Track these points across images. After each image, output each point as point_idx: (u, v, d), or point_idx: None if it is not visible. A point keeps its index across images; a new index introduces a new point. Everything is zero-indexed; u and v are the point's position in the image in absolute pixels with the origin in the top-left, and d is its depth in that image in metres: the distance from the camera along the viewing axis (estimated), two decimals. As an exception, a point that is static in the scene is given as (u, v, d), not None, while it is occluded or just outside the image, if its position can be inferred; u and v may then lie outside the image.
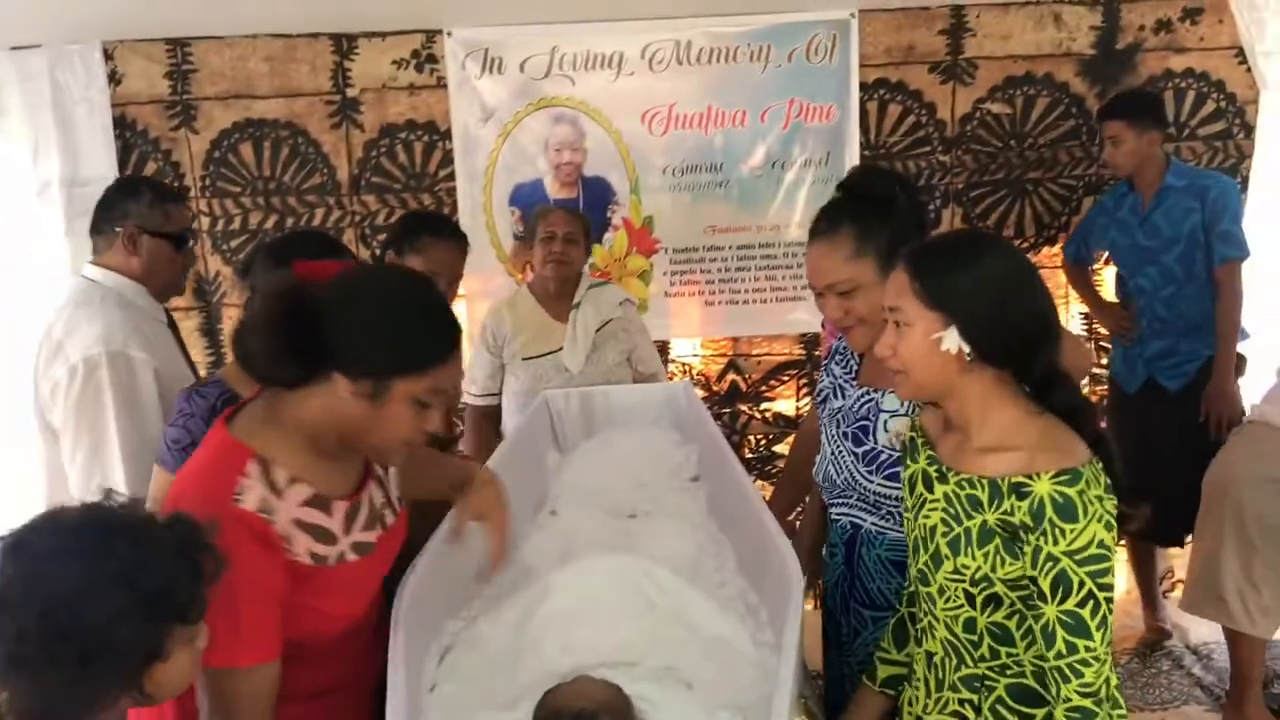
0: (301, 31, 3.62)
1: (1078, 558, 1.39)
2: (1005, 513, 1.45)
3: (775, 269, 3.89)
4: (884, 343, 1.56)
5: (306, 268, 1.52)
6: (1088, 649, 1.41)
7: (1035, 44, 3.77)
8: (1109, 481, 1.45)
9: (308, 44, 3.64)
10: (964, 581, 1.51)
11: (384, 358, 1.44)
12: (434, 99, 3.71)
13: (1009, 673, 1.53)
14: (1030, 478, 1.42)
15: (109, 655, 1.11)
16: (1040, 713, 1.51)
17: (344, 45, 3.65)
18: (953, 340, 1.47)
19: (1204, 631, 3.58)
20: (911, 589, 1.71)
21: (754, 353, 3.99)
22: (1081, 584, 1.40)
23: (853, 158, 3.78)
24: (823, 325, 3.72)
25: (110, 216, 2.52)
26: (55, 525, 1.17)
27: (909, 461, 1.67)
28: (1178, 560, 3.83)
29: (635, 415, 3.09)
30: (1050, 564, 1.40)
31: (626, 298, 3.38)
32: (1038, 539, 1.41)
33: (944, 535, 1.53)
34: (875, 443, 1.93)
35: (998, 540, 1.46)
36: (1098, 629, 1.41)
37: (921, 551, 1.58)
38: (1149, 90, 3.74)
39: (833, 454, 2.03)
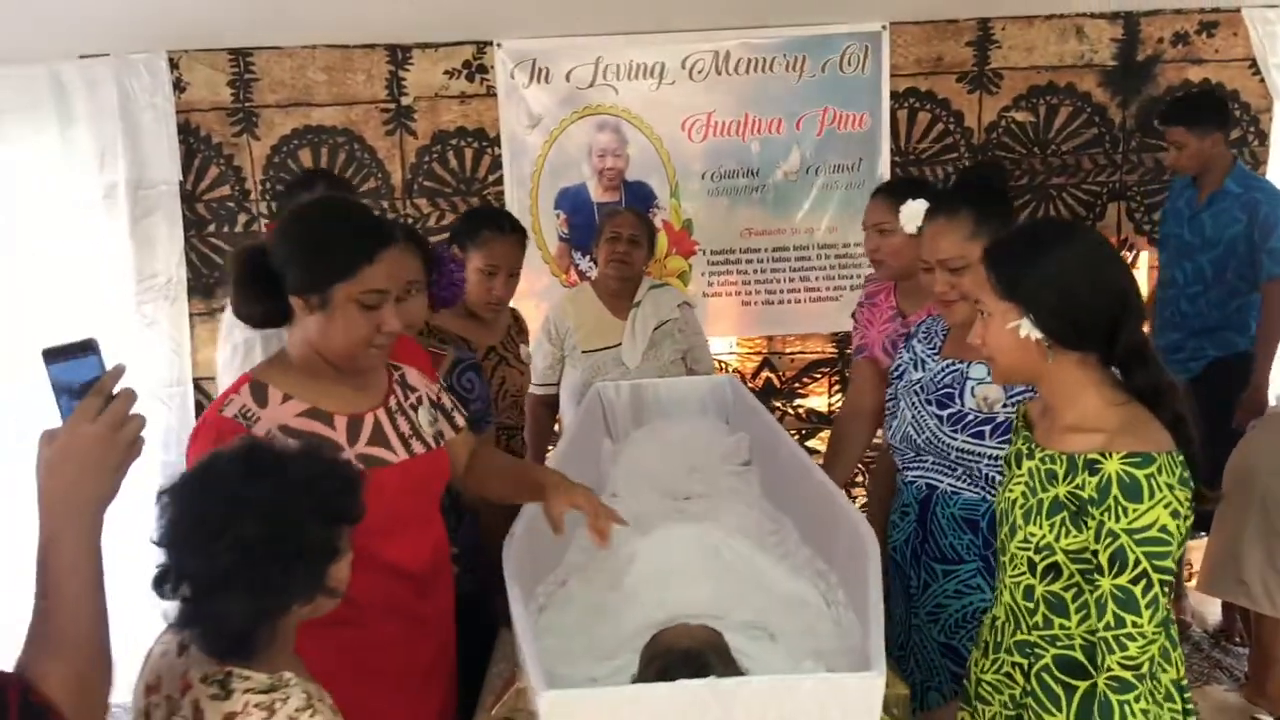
0: (358, 42, 3.79)
1: (1137, 537, 1.46)
2: (1076, 486, 1.53)
3: (809, 270, 4.04)
4: (975, 331, 1.68)
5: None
6: (1135, 624, 1.48)
7: (1058, 55, 3.93)
8: (1186, 474, 1.51)
9: (364, 54, 3.81)
10: (1029, 550, 1.60)
11: (317, 269, 1.68)
12: (484, 107, 3.87)
13: (1058, 644, 1.61)
14: (1103, 455, 1.50)
15: (306, 556, 1.29)
16: (1083, 685, 1.58)
17: (399, 56, 3.81)
18: (1028, 329, 1.57)
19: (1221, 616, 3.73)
20: None
21: (788, 351, 4.15)
22: (1137, 562, 1.47)
23: (883, 164, 3.95)
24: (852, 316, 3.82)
25: (288, 204, 2.78)
26: (227, 459, 1.33)
27: (1011, 446, 1.77)
28: (1195, 552, 3.98)
29: (682, 406, 3.26)
30: (1110, 539, 1.48)
31: (685, 300, 3.51)
32: (1101, 514, 1.49)
33: (1021, 507, 1.63)
34: (962, 405, 2.10)
35: (1065, 513, 1.55)
36: (1147, 607, 1.47)
37: (1004, 523, 1.70)
38: (1210, 90, 3.84)
39: (913, 419, 2.18)
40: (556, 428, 3.54)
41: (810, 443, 4.14)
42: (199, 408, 3.87)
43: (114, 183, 3.74)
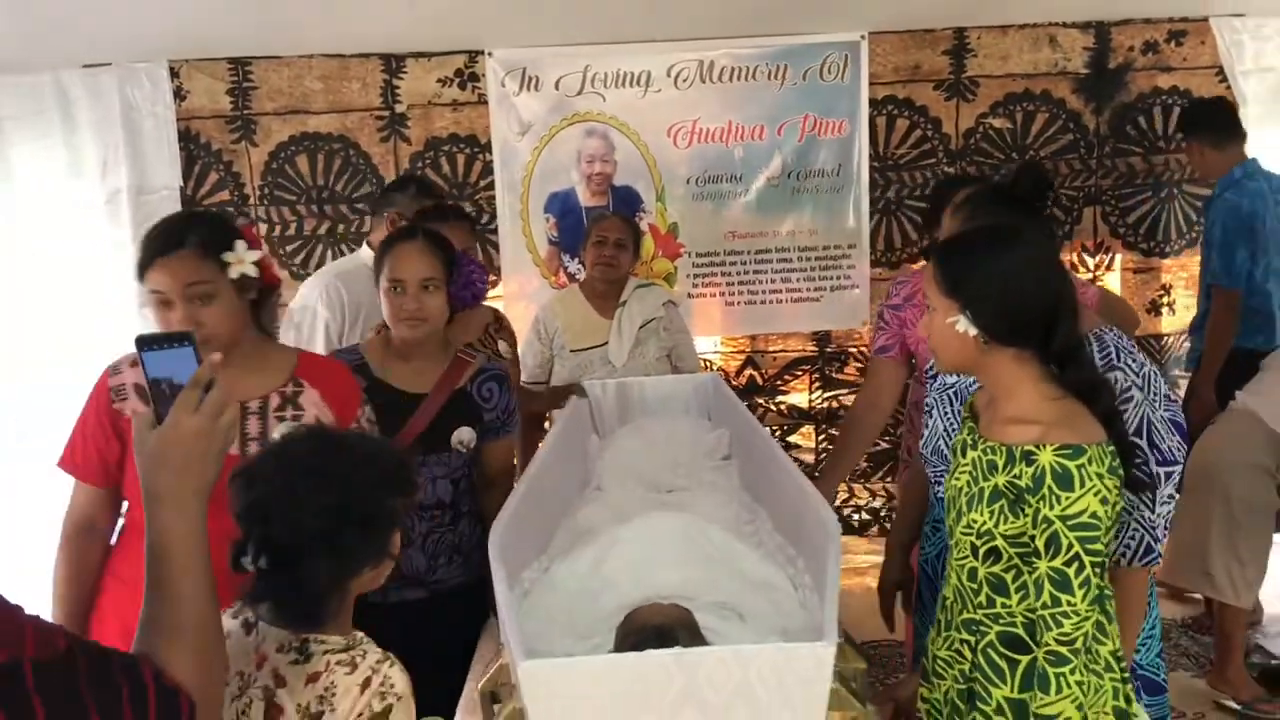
0: (354, 52, 3.91)
1: (1070, 523, 1.58)
2: (1014, 476, 1.64)
3: (790, 272, 4.17)
4: (922, 323, 1.80)
5: None
6: (1069, 604, 1.60)
7: (1033, 63, 4.07)
8: (1116, 464, 1.62)
9: (359, 64, 3.93)
10: (972, 535, 1.72)
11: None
12: (475, 114, 3.99)
13: (1001, 621, 1.72)
14: (1038, 447, 1.62)
15: (376, 522, 1.47)
16: (1024, 659, 1.69)
17: (393, 65, 3.94)
18: (965, 324, 1.67)
19: (1189, 609, 3.87)
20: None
21: (770, 349, 4.28)
22: (1070, 546, 1.59)
23: (863, 169, 4.08)
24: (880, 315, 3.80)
25: (381, 204, 3.18)
26: (299, 441, 1.53)
27: (958, 435, 1.88)
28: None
29: (667, 404, 3.37)
30: (1045, 525, 1.60)
31: (670, 299, 3.62)
32: (1037, 501, 1.60)
33: (965, 494, 1.75)
34: None
35: (1004, 501, 1.66)
36: (1080, 587, 1.59)
37: (951, 509, 1.82)
38: (1221, 99, 3.93)
39: (945, 429, 2.21)
40: (547, 424, 3.66)
41: (791, 437, 4.27)
42: (199, 406, 3.98)
43: (116, 188, 3.85)
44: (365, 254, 3.07)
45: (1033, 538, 1.64)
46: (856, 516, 4.28)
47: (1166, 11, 4.02)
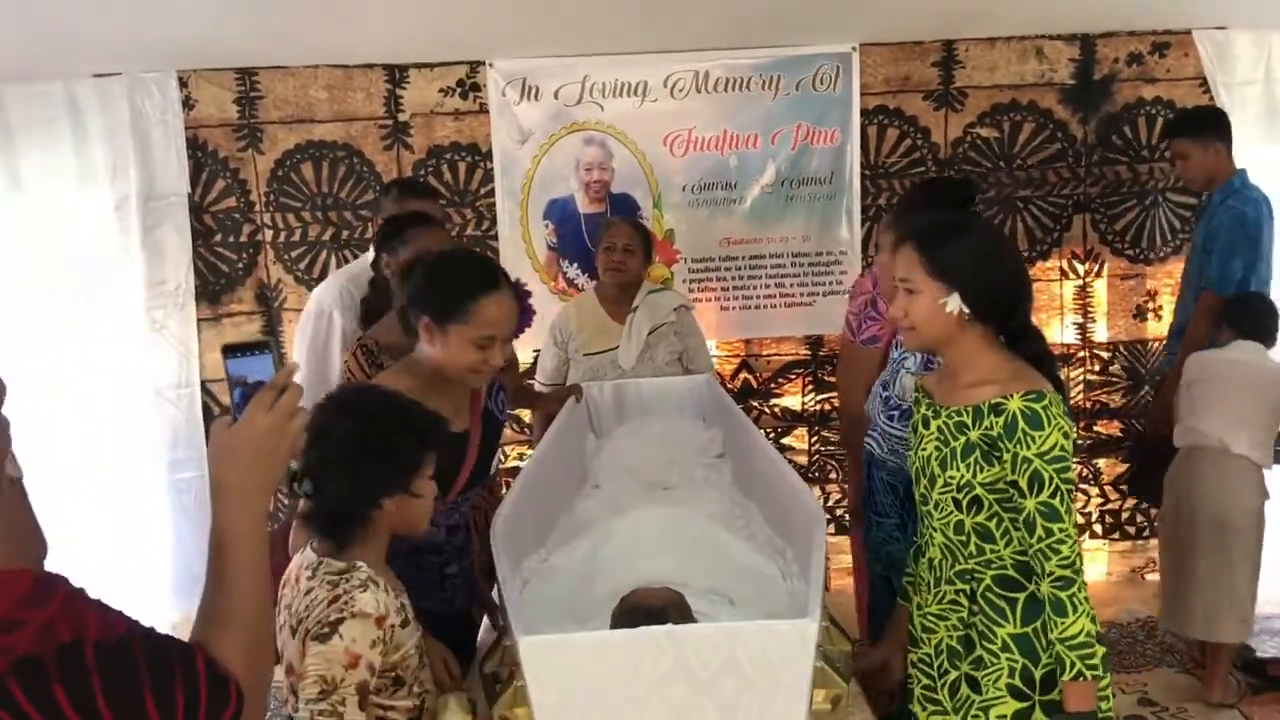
0: (358, 63, 4.00)
1: (1046, 458, 1.75)
2: (986, 429, 1.81)
3: (784, 277, 4.26)
4: (896, 305, 1.92)
5: None
6: (1061, 529, 1.76)
7: (1020, 74, 4.16)
8: (1068, 407, 1.81)
9: (364, 74, 4.02)
10: (952, 490, 1.87)
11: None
12: (476, 123, 4.08)
13: (993, 566, 1.87)
14: (1005, 398, 1.79)
15: (394, 457, 1.71)
16: (1021, 595, 1.85)
17: (396, 75, 4.03)
18: (955, 303, 1.83)
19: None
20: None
21: (764, 353, 4.36)
22: (1051, 479, 1.75)
23: (854, 177, 4.17)
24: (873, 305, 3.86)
25: (374, 209, 3.31)
26: (348, 388, 1.96)
27: (914, 415, 2.04)
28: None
29: (663, 404, 3.47)
30: (1025, 465, 1.76)
31: (683, 303, 3.71)
32: (1014, 446, 1.77)
33: (936, 458, 1.90)
34: (893, 391, 2.42)
35: (978, 453, 1.82)
36: (1066, 513, 1.76)
37: (922, 478, 1.97)
38: (1212, 106, 4.02)
39: (870, 392, 2.59)
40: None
41: (786, 439, 4.35)
42: (205, 409, 4.07)
43: (126, 195, 3.93)
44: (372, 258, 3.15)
45: (1012, 482, 1.79)
46: (849, 516, 4.35)
47: (1150, 24, 4.11)
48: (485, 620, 2.28)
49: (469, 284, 2.09)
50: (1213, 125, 3.72)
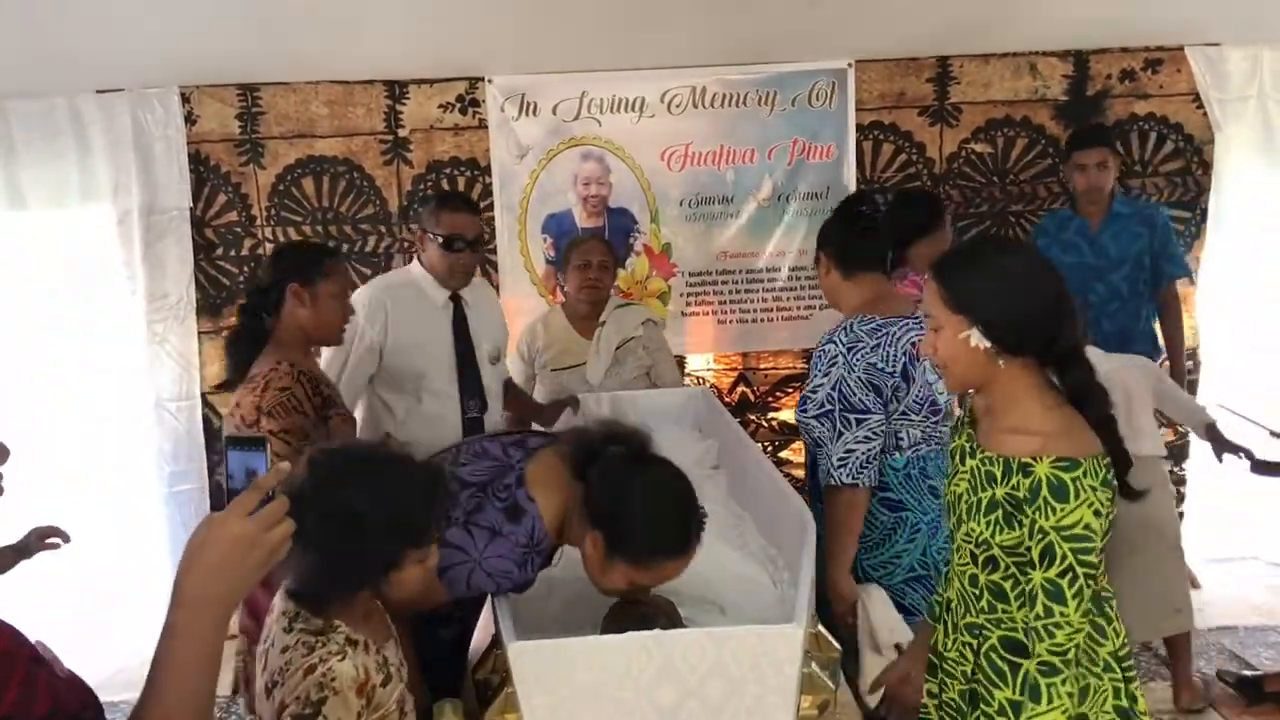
0: (358, 79, 4.05)
1: (1065, 534, 1.61)
2: (1012, 488, 1.66)
3: (781, 291, 4.29)
4: (928, 342, 1.80)
5: None
6: (1062, 614, 1.62)
7: (1013, 90, 4.20)
8: (1109, 475, 1.66)
9: (364, 89, 4.07)
10: (971, 543, 1.75)
11: None
12: (475, 138, 4.13)
13: (1002, 626, 1.75)
14: (1035, 460, 1.64)
15: (361, 554, 1.54)
16: (1026, 663, 1.70)
17: (396, 91, 4.07)
18: (977, 338, 1.69)
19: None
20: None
21: (761, 367, 4.39)
22: (1064, 557, 1.61)
23: (850, 191, 4.20)
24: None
25: (417, 221, 3.20)
26: (348, 453, 1.64)
27: (954, 437, 1.91)
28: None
29: (659, 416, 3.48)
30: (1041, 536, 1.62)
31: (649, 318, 3.72)
32: (1034, 513, 1.63)
33: (965, 502, 1.77)
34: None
35: (1000, 512, 1.69)
36: (1074, 598, 1.62)
37: (950, 513, 1.86)
38: (1101, 123, 4.14)
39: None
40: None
41: (783, 453, 4.37)
42: (206, 421, 4.10)
43: (128, 209, 3.97)
44: (416, 266, 3.16)
45: (1029, 548, 1.67)
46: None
47: (1143, 40, 4.16)
48: (478, 628, 2.30)
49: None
50: (1114, 142, 3.91)
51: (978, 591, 1.78)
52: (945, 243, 3.39)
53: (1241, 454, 3.23)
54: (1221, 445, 3.28)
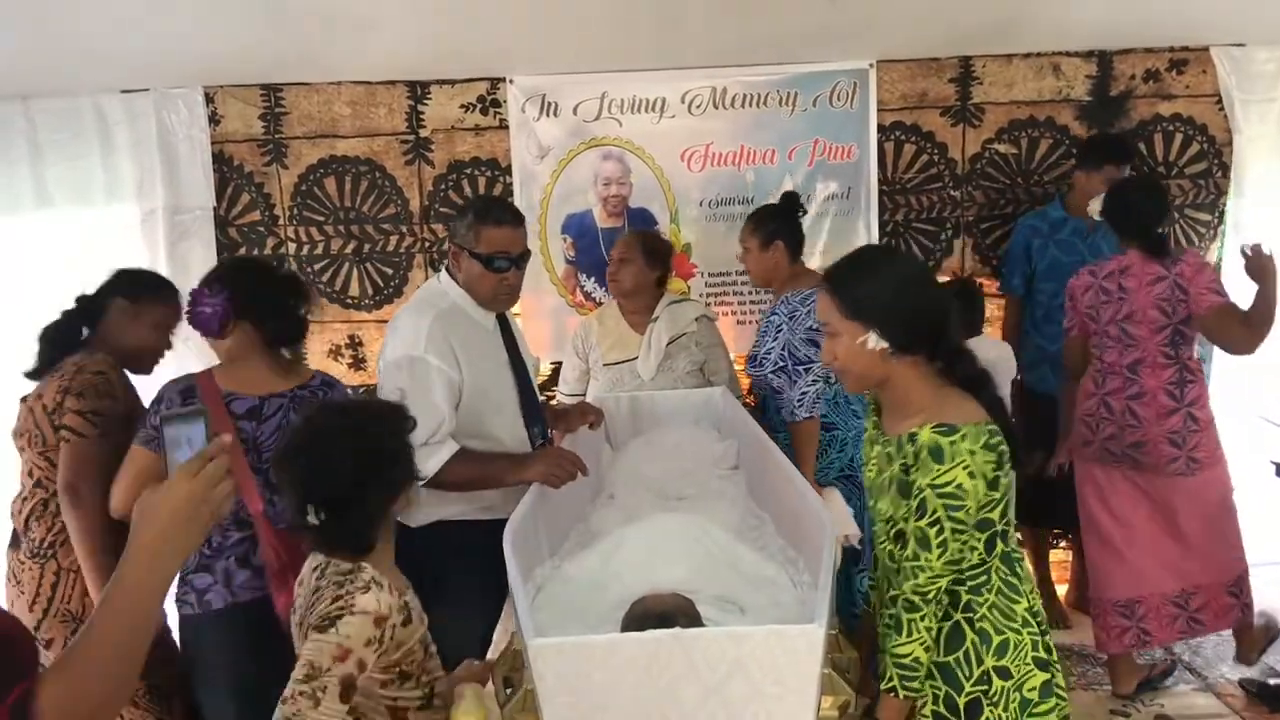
0: (380, 79, 4.07)
1: (939, 490, 1.78)
2: (904, 458, 1.84)
3: (801, 292, 4.27)
4: (826, 350, 1.94)
5: None
6: (925, 559, 1.80)
7: (1037, 91, 4.18)
8: (994, 441, 1.80)
9: (386, 90, 4.09)
10: (882, 521, 1.92)
11: None
12: (496, 139, 4.14)
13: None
14: (919, 429, 1.81)
15: (394, 458, 1.83)
16: (946, 625, 1.87)
17: (418, 91, 4.09)
18: (874, 341, 1.84)
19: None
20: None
21: (782, 368, 4.37)
22: (935, 510, 1.79)
23: (871, 193, 4.19)
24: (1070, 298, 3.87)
25: (451, 233, 2.80)
26: (320, 413, 1.88)
27: (867, 426, 2.08)
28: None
29: (677, 416, 3.49)
30: (919, 492, 1.80)
31: (703, 314, 3.71)
32: (915, 474, 1.81)
33: (874, 484, 1.96)
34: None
35: (897, 485, 1.86)
36: (937, 547, 1.79)
37: (870, 497, 2.02)
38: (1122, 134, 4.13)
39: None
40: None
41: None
42: (228, 418, 4.12)
43: (152, 208, 4.01)
44: (450, 285, 2.73)
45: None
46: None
47: (1168, 41, 4.12)
48: (499, 625, 2.31)
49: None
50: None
51: (895, 567, 1.90)
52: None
53: None
54: None
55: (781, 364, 3.22)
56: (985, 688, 1.84)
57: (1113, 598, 3.43)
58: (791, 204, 3.54)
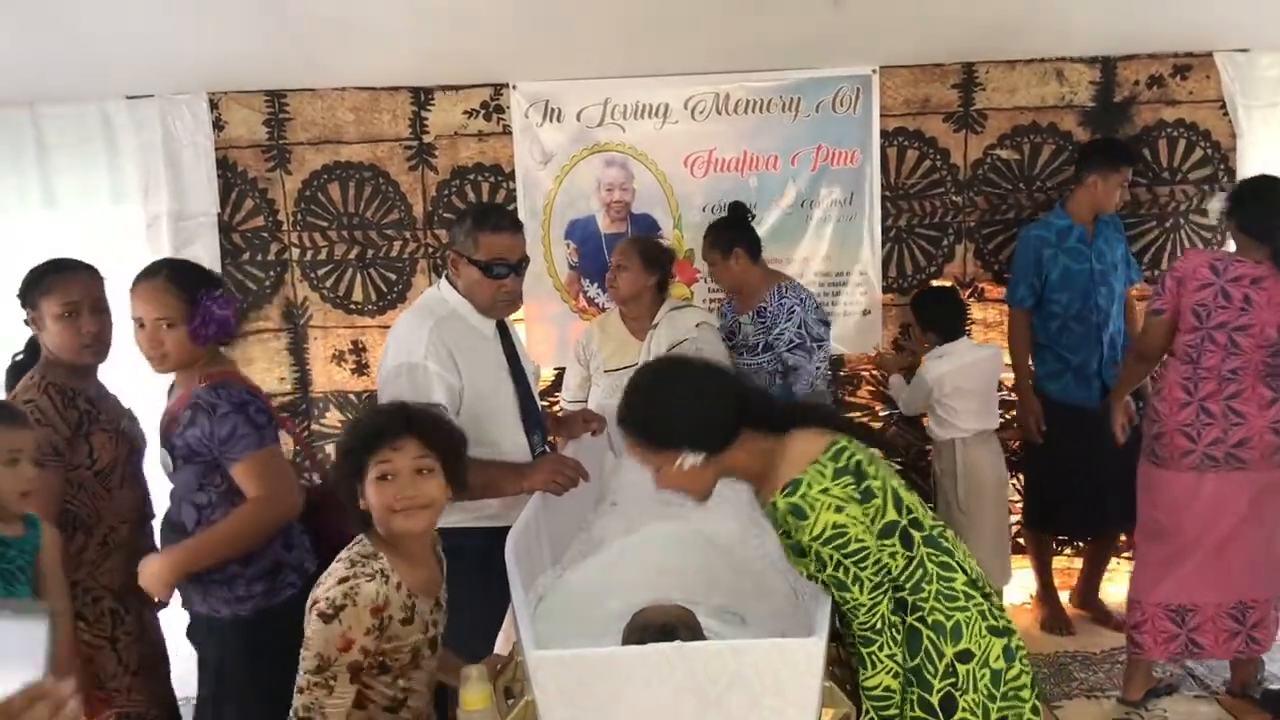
0: (384, 85, 4.08)
1: (819, 541, 1.80)
2: (783, 527, 1.87)
3: (804, 298, 4.27)
4: (657, 483, 1.92)
5: None
6: (854, 599, 1.82)
7: (1040, 97, 4.17)
8: (841, 465, 1.83)
9: (389, 96, 4.09)
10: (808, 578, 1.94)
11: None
12: (500, 144, 4.15)
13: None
14: (775, 499, 1.83)
15: (346, 455, 1.90)
16: (901, 633, 1.88)
17: (421, 97, 4.10)
18: (691, 459, 1.83)
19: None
20: None
21: (784, 373, 4.37)
22: (831, 557, 1.80)
23: (874, 198, 4.19)
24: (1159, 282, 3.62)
25: (450, 240, 2.77)
26: None
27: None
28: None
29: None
30: (810, 550, 1.82)
31: (704, 320, 3.69)
32: (797, 536, 1.83)
33: (784, 551, 1.98)
34: None
35: (791, 549, 1.89)
36: (853, 583, 1.81)
37: None
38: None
39: None
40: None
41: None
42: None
43: (157, 214, 4.01)
44: (450, 293, 2.71)
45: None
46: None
47: (1171, 46, 4.12)
48: (500, 635, 2.31)
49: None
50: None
51: (840, 614, 1.91)
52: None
53: None
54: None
55: (799, 341, 3.53)
56: (952, 680, 1.86)
57: (1161, 600, 3.31)
58: (739, 213, 3.82)
